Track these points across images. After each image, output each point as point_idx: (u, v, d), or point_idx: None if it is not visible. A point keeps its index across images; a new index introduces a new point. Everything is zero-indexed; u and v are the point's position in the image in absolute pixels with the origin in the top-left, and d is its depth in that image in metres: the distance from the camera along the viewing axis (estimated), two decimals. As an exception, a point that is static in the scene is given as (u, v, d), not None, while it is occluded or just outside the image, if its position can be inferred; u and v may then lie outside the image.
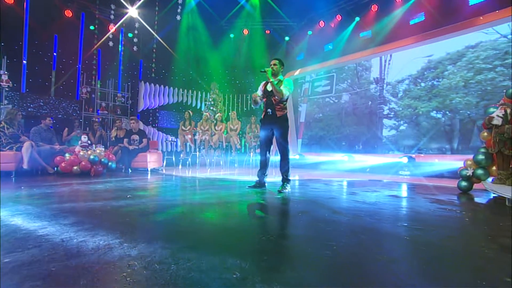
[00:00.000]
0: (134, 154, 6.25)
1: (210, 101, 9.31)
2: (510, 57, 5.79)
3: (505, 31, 5.89)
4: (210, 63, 9.98)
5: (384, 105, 7.96)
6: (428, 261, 1.43)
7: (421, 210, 2.65)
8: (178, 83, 9.67)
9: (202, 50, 9.72)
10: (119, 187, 3.72)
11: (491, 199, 3.36)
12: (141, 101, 8.82)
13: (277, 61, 3.80)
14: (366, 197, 3.30)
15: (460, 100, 6.40)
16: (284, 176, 3.73)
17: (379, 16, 7.71)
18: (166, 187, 3.95)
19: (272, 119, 3.71)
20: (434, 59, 6.93)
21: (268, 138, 3.83)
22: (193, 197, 3.10)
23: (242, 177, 5.43)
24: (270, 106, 3.72)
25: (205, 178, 5.11)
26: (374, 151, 8.01)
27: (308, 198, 3.14)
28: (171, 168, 7.01)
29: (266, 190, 3.70)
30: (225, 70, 10.18)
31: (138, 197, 3.00)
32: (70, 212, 2.27)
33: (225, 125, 7.94)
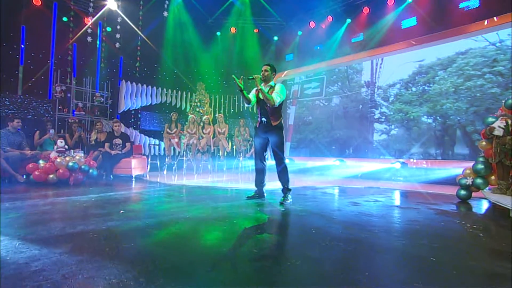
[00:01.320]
0: (117, 160, 5.98)
1: (196, 102, 9.12)
2: (498, 65, 6.08)
3: (494, 39, 6.18)
4: (197, 62, 9.77)
5: (375, 109, 8.13)
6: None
7: (433, 224, 2.68)
8: (162, 82, 9.39)
9: (188, 48, 9.50)
10: (106, 199, 3.51)
11: (490, 207, 3.50)
12: (122, 101, 8.48)
13: (268, 66, 3.75)
14: (370, 208, 3.33)
15: (450, 106, 6.65)
16: (284, 187, 3.69)
17: (370, 19, 7.87)
18: (157, 198, 3.78)
19: (267, 128, 3.68)
20: (425, 64, 7.16)
21: (263, 147, 3.79)
22: (190, 211, 2.97)
23: (236, 185, 5.33)
24: (264, 114, 3.68)
25: (196, 187, 4.96)
26: (365, 156, 8.16)
27: (312, 211, 3.11)
28: (155, 174, 6.78)
29: (267, 201, 3.65)
30: (211, 70, 10.01)
31: (132, 213, 2.83)
32: (55, 236, 2.09)
33: (213, 128, 7.80)
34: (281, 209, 3.21)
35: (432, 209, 3.36)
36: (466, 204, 3.79)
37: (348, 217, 2.89)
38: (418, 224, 2.64)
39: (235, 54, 10.08)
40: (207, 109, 9.21)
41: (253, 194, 3.86)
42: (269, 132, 3.69)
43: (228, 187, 5.11)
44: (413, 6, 7.07)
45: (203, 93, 9.24)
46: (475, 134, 6.31)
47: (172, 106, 9.53)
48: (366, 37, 7.99)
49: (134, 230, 2.25)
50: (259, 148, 3.82)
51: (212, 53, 9.91)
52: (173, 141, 7.28)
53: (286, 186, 3.68)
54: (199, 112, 8.96)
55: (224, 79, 10.26)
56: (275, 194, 4.17)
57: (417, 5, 7.00)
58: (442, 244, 2.07)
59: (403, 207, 3.49)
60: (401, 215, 3.02)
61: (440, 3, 6.68)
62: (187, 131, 7.60)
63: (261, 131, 3.75)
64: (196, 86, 9.42)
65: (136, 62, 8.83)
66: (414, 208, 3.42)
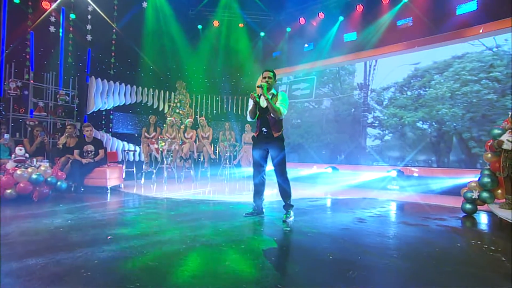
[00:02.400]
0: (89, 169, 5.66)
1: (176, 102, 8.87)
2: (494, 70, 6.40)
3: (490, 44, 6.49)
4: (177, 58, 9.49)
5: (368, 113, 8.30)
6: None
7: (447, 246, 2.72)
8: (137, 80, 9.03)
9: (168, 42, 9.21)
10: (85, 220, 3.28)
11: (499, 223, 3.63)
12: (92, 101, 8.06)
13: (271, 73, 3.68)
14: (378, 225, 3.34)
15: (446, 111, 6.91)
16: (286, 203, 3.64)
17: (365, 17, 8.01)
18: (143, 216, 3.59)
19: (267, 139, 3.62)
20: (421, 67, 7.39)
21: (263, 158, 3.73)
22: (188, 235, 2.84)
23: (226, 197, 5.22)
24: (265, 124, 3.61)
25: (183, 200, 4.79)
26: (357, 162, 8.30)
27: (320, 231, 3.07)
28: (131, 184, 6.51)
29: (267, 219, 3.58)
30: (192, 67, 9.79)
31: (122, 240, 2.65)
32: (31, 279, 1.89)
33: (195, 132, 7.62)
34: (286, 229, 3.15)
35: (442, 226, 3.43)
36: (472, 219, 3.92)
37: (359, 238, 2.87)
38: (437, 246, 2.67)
39: (218, 50, 9.93)
40: (188, 111, 9.00)
41: (252, 211, 3.78)
42: (270, 143, 3.63)
43: (218, 200, 4.99)
44: (409, 6, 7.27)
45: (183, 93, 9.01)
46: (471, 141, 6.59)
47: (148, 107, 9.21)
48: (360, 37, 8.13)
49: (140, 267, 2.08)
50: (258, 160, 3.75)
51: (194, 48, 9.69)
52: (152, 147, 7.02)
53: (289, 202, 3.64)
54: (179, 114, 8.73)
55: (206, 77, 10.07)
56: (274, 209, 4.10)
57: (413, 5, 7.21)
58: (465, 271, 2.09)
59: (411, 223, 3.54)
60: (413, 234, 3.05)
61: (436, 5, 6.92)
62: (165, 136, 7.37)
63: (260, 142, 3.68)
64: (176, 84, 9.17)
65: (111, 57, 8.44)
66: (423, 225, 3.47)
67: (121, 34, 8.42)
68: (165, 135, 7.33)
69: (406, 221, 3.66)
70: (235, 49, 10.01)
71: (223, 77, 10.18)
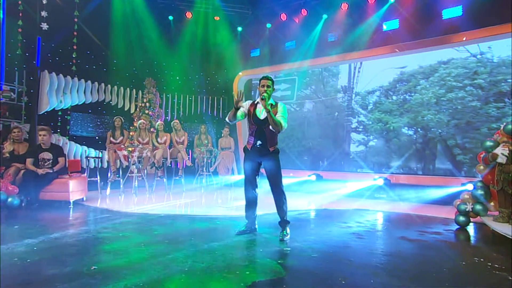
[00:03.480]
0: (46, 181, 5.31)
1: (144, 102, 8.59)
2: (478, 78, 6.91)
3: (475, 51, 7.00)
4: (145, 52, 9.16)
5: (353, 117, 8.60)
6: None
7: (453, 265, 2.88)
8: (99, 75, 8.59)
9: (135, 35, 8.87)
10: (53, 245, 3.08)
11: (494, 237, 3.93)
12: (44, 99, 7.56)
13: (269, 81, 3.68)
14: (377, 241, 3.47)
15: (432, 118, 7.34)
16: (283, 219, 3.68)
17: (350, 17, 8.27)
18: (123, 238, 3.43)
19: (261, 153, 3.64)
20: (407, 71, 7.79)
21: (255, 172, 3.75)
22: (181, 259, 2.77)
23: (212, 211, 5.15)
24: (261, 137, 3.62)
25: (162, 216, 4.66)
26: (341, 169, 8.57)
27: (322, 250, 3.11)
28: (95, 196, 6.21)
29: (262, 237, 3.59)
30: (162, 62, 9.53)
31: (111, 274, 2.52)
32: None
33: (169, 137, 7.44)
34: (286, 249, 3.17)
35: (440, 241, 3.62)
36: (466, 232, 4.19)
37: (365, 257, 2.96)
38: (443, 266, 2.81)
39: (191, 45, 9.76)
40: (158, 112, 8.76)
41: (244, 229, 3.77)
42: (264, 157, 3.64)
43: (201, 214, 4.91)
44: (396, 7, 7.61)
45: (153, 92, 8.75)
46: (456, 149, 7.06)
47: (111, 106, 8.81)
48: (344, 37, 8.36)
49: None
50: (250, 173, 3.75)
51: (164, 42, 9.43)
52: (120, 154, 6.75)
53: (285, 218, 3.67)
54: (148, 115, 8.47)
55: (177, 74, 9.85)
56: (265, 224, 4.11)
57: (400, 6, 7.56)
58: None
59: (409, 238, 3.71)
60: (416, 252, 3.20)
61: (423, 8, 7.30)
62: (136, 140, 7.13)
63: (253, 155, 3.69)
64: (144, 82, 8.88)
65: (72, 50, 7.98)
66: (421, 240, 3.65)
67: (83, 24, 8.01)
68: (137, 139, 7.08)
69: (404, 236, 3.83)
70: (210, 44, 9.90)
71: (196, 74, 10.03)
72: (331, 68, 9.02)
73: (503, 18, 6.25)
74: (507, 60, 6.62)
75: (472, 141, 6.85)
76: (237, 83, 9.94)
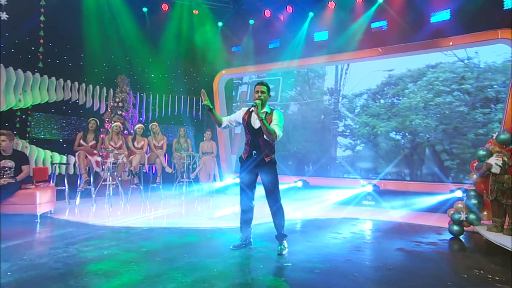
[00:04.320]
0: (8, 193, 5.05)
1: (117, 102, 8.38)
2: (465, 83, 7.32)
3: (462, 55, 7.39)
4: (118, 47, 8.91)
5: (339, 121, 8.83)
6: None
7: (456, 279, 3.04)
8: (65, 72, 8.26)
9: (107, 27, 8.62)
10: (30, 269, 2.97)
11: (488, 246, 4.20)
12: (1, 97, 7.20)
13: (264, 86, 3.73)
14: (378, 254, 3.60)
15: (420, 122, 7.69)
16: (280, 233, 3.75)
17: (337, 16, 8.47)
18: (108, 258, 3.36)
19: (257, 163, 3.70)
20: (395, 74, 8.09)
21: (252, 182, 3.81)
22: (181, 278, 2.76)
23: (199, 223, 5.13)
24: (256, 147, 3.68)
25: (145, 229, 4.60)
26: (327, 174, 8.78)
27: (324, 265, 3.19)
28: (62, 207, 6.01)
29: (259, 251, 3.64)
30: (135, 58, 9.33)
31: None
32: None
33: (147, 141, 7.32)
34: (287, 264, 3.24)
35: (437, 252, 3.83)
36: (461, 242, 4.44)
37: (368, 271, 3.08)
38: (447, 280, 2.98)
39: (167, 40, 9.62)
40: (133, 113, 8.58)
41: (240, 243, 3.80)
42: (260, 167, 3.70)
43: (188, 227, 4.88)
44: (385, 9, 7.87)
45: (126, 90, 8.55)
46: (443, 154, 7.44)
47: (79, 106, 8.50)
48: (331, 37, 8.58)
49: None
50: (247, 185, 3.79)
51: (138, 36, 9.23)
52: (92, 160, 6.57)
53: (283, 231, 3.74)
54: (121, 116, 8.27)
55: (153, 71, 9.69)
56: (260, 238, 4.15)
57: (389, 7, 7.84)
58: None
59: (407, 250, 3.89)
60: (417, 265, 3.35)
61: (411, 11, 7.62)
62: (109, 145, 6.96)
63: (249, 166, 3.73)
64: (117, 79, 8.65)
65: (38, 43, 7.65)
66: (419, 251, 3.84)
67: (49, 14, 7.72)
68: (109, 143, 6.91)
69: (401, 247, 4.01)
70: (188, 39, 9.81)
71: (173, 72, 9.89)
72: (317, 69, 9.21)
73: (490, 24, 6.68)
74: (493, 66, 7.05)
75: (460, 147, 7.24)
76: (217, 82, 9.92)
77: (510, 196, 3.97)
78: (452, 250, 4.08)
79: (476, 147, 6.98)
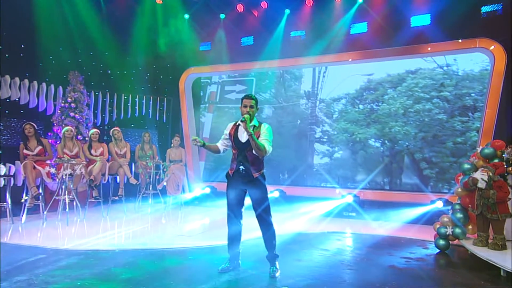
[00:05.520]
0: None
1: (69, 102, 8.12)
2: (444, 90, 7.92)
3: (441, 62, 7.99)
4: (68, 37, 8.58)
5: (316, 126, 9.16)
6: None
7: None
8: (2, 65, 7.85)
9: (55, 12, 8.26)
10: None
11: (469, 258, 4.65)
12: None
13: (253, 101, 3.86)
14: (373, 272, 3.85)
15: (399, 129, 8.20)
16: (271, 253, 3.89)
17: (315, 15, 8.78)
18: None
19: (245, 179, 3.80)
20: (374, 79, 8.54)
21: (240, 200, 3.93)
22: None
23: (175, 242, 5.14)
24: (243, 162, 3.79)
25: (118, 252, 4.56)
26: (303, 183, 9.08)
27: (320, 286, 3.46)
28: (3, 226, 5.70)
29: (249, 273, 3.77)
30: (89, 51, 9.03)
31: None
32: None
33: (106, 147, 7.18)
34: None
35: (429, 269, 4.20)
36: (447, 256, 4.86)
37: None
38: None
39: (126, 31, 9.43)
40: (87, 115, 8.35)
41: (228, 265, 3.89)
42: (249, 184, 3.81)
43: (163, 247, 4.88)
44: (365, 10, 8.28)
45: (80, 89, 8.29)
46: (423, 162, 8.00)
47: (19, 106, 8.07)
48: (309, 38, 8.87)
49: None
50: (234, 202, 3.89)
51: (93, 25, 8.93)
52: (43, 171, 6.35)
53: (274, 251, 3.89)
54: (74, 119, 8.03)
55: (110, 66, 9.44)
56: (247, 258, 4.26)
57: (370, 8, 8.26)
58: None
59: (399, 267, 4.19)
60: (411, 283, 3.64)
61: (391, 12, 8.08)
62: (63, 152, 6.75)
63: (237, 182, 3.84)
64: (68, 76, 8.36)
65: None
66: (411, 269, 4.17)
67: None
68: (63, 152, 6.70)
69: (392, 264, 4.31)
70: (150, 32, 9.67)
71: (133, 69, 9.72)
72: (294, 71, 9.48)
73: (470, 32, 7.29)
74: (471, 74, 7.69)
75: (439, 155, 7.82)
76: (184, 81, 9.89)
77: (495, 210, 4.42)
78: (441, 266, 4.45)
79: (455, 156, 7.65)
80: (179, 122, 9.78)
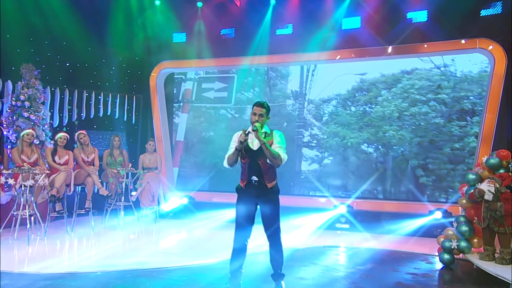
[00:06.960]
0: None
1: (23, 100, 7.97)
2: (442, 92, 8.43)
3: (439, 62, 8.50)
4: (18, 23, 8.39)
5: (305, 130, 9.46)
6: None
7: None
8: None
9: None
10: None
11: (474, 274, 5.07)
12: None
13: (264, 109, 3.98)
14: None
15: (394, 134, 8.64)
16: (277, 272, 4.08)
17: (303, 7, 9.02)
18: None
19: (258, 191, 3.91)
20: (367, 79, 8.94)
21: (250, 215, 4.04)
22: None
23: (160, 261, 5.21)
24: (255, 172, 3.90)
25: (99, 274, 4.55)
26: (290, 191, 9.34)
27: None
28: None
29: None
30: (43, 41, 8.86)
31: None
32: None
33: (72, 155, 7.14)
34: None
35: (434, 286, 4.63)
36: (452, 271, 5.26)
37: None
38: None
39: (87, 18, 9.29)
40: (44, 115, 8.23)
41: (228, 286, 4.06)
42: (262, 197, 3.89)
43: (148, 267, 4.94)
44: (358, 1, 8.58)
45: (35, 85, 8.15)
46: (418, 169, 8.49)
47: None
48: (296, 32, 9.12)
49: None
50: (244, 218, 3.93)
51: (48, 11, 8.78)
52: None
53: (280, 270, 4.05)
54: (29, 120, 7.91)
55: (68, 59, 9.31)
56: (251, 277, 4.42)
57: (364, 1, 8.59)
58: None
59: (407, 284, 4.54)
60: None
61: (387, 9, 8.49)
62: (20, 160, 6.66)
63: (249, 195, 3.91)
64: (20, 70, 8.18)
65: None
66: (418, 285, 4.53)
67: None
68: (20, 159, 6.61)
69: (399, 281, 4.64)
70: (116, 20, 9.56)
71: (96, 61, 9.62)
72: (280, 68, 9.73)
73: (469, 32, 7.78)
74: (469, 76, 8.23)
75: (435, 162, 8.31)
76: (155, 77, 9.87)
77: (502, 223, 4.84)
78: (447, 283, 4.83)
79: (452, 162, 8.16)
80: (150, 123, 9.79)
